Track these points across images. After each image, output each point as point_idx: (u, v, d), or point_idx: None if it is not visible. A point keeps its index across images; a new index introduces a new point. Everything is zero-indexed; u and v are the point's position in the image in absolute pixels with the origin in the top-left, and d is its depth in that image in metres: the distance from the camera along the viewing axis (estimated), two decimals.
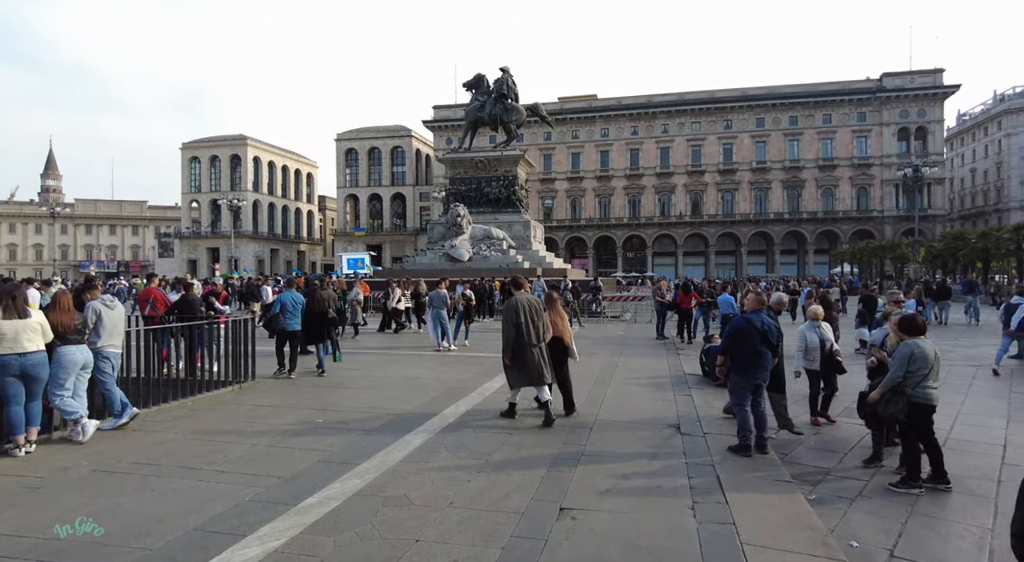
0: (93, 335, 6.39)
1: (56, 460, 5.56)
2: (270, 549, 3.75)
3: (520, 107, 32.75)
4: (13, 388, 5.57)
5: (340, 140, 76.03)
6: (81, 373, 6.15)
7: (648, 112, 66.71)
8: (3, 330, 5.48)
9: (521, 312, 7.10)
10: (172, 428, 6.69)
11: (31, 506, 4.51)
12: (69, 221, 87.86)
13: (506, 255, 28.79)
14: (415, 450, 5.92)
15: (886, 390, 5.39)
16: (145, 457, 5.63)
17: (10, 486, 4.91)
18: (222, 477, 5.10)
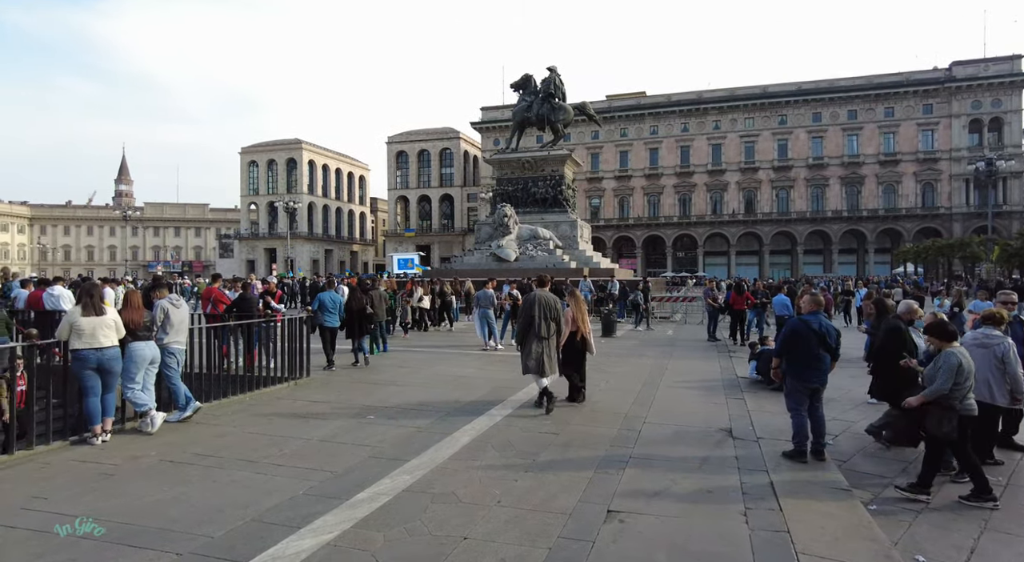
0: (160, 332, 6.73)
1: (128, 449, 5.89)
2: (323, 542, 3.87)
3: (567, 106, 32.62)
4: (91, 380, 5.94)
5: (391, 143, 77.55)
6: (150, 368, 6.49)
7: (699, 108, 65.27)
8: (82, 326, 5.86)
9: (536, 307, 7.62)
10: (231, 422, 6.99)
11: (106, 491, 4.80)
12: (139, 224, 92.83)
13: (552, 255, 28.74)
14: (463, 448, 5.99)
15: (929, 401, 5.04)
16: (207, 449, 5.89)
17: (88, 472, 5.24)
18: (278, 470, 5.28)
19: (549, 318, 7.64)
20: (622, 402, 8.23)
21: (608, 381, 9.85)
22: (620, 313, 22.11)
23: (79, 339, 5.85)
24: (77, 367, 5.91)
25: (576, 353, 8.12)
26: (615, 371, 10.88)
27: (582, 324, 8.04)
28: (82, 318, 5.86)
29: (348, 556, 3.70)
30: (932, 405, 5.06)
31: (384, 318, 13.28)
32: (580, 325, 8.03)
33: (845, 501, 4.78)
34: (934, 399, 5.04)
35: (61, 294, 10.98)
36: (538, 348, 7.59)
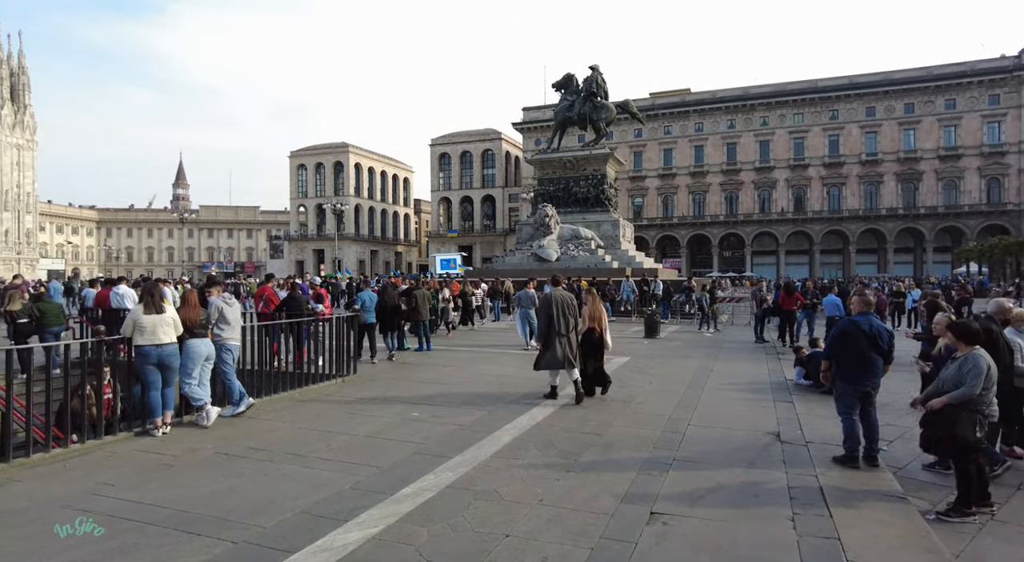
0: (215, 329, 7.02)
1: (186, 441, 6.16)
2: (368, 535, 3.97)
3: (610, 105, 32.37)
4: (152, 375, 6.25)
5: (434, 145, 78.52)
6: (205, 364, 6.78)
7: (745, 104, 63.70)
8: (144, 324, 6.17)
9: (554, 305, 8.09)
10: (282, 417, 7.23)
11: (166, 480, 5.04)
12: (195, 226, 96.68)
13: (594, 255, 28.56)
14: (505, 446, 6.03)
15: (956, 405, 4.74)
16: (259, 443, 6.11)
17: (150, 462, 5.52)
18: (326, 465, 5.44)
19: (567, 315, 8.11)
20: (666, 404, 8.13)
21: (652, 383, 9.74)
22: (664, 314, 21.79)
23: (141, 336, 6.16)
24: (140, 362, 6.23)
25: (594, 348, 8.51)
26: (659, 373, 10.75)
27: (599, 321, 8.49)
28: (144, 316, 6.17)
29: (393, 550, 3.78)
30: (964, 411, 4.78)
31: (428, 317, 13.49)
32: (597, 322, 8.46)
33: (901, 509, 4.61)
34: (961, 403, 4.76)
35: (125, 293, 11.56)
36: (561, 345, 8.01)
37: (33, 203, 72.22)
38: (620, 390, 9.06)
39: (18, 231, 69.81)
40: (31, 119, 70.95)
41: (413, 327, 13.58)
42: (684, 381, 9.87)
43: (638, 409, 7.86)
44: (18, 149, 69.44)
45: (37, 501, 4.58)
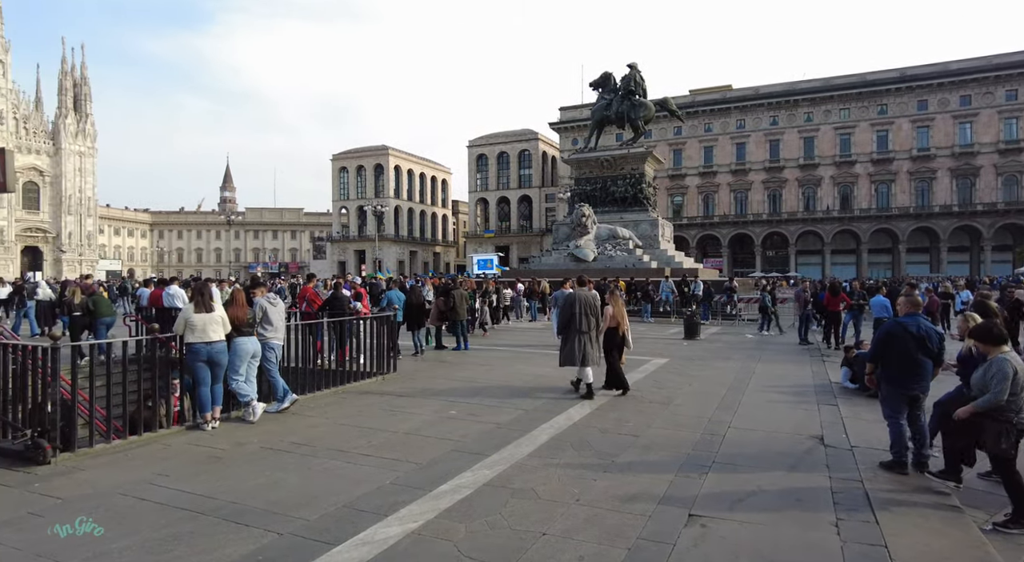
0: (259, 328, 7.26)
1: (234, 436, 6.39)
2: (408, 530, 4.05)
3: (648, 103, 32.04)
4: (203, 372, 6.51)
5: (471, 146, 79.07)
6: (252, 361, 7.02)
7: (789, 100, 62.00)
8: (194, 322, 6.43)
9: (577, 304, 8.45)
10: (324, 414, 7.42)
11: (216, 472, 5.25)
12: (241, 227, 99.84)
13: (632, 255, 28.30)
14: (542, 446, 6.06)
15: (981, 413, 4.55)
16: (302, 439, 6.29)
17: (201, 455, 5.75)
18: (366, 460, 5.57)
19: (589, 314, 8.45)
20: (705, 406, 8.02)
21: (691, 384, 9.61)
22: (704, 315, 21.43)
23: (192, 334, 6.42)
24: (190, 359, 6.50)
25: (615, 347, 8.81)
26: (699, 375, 10.60)
27: (621, 321, 8.85)
28: (195, 315, 6.44)
29: (432, 545, 3.86)
30: (987, 419, 4.56)
31: (465, 317, 13.62)
32: (620, 321, 8.81)
33: (954, 519, 4.44)
34: (987, 411, 4.55)
35: (176, 293, 12.04)
36: (581, 342, 8.38)
37: (93, 207, 75.81)
38: (658, 392, 8.98)
39: (80, 234, 73.40)
40: (92, 127, 74.52)
41: (451, 326, 13.74)
42: (724, 383, 9.71)
43: (677, 411, 7.77)
44: (80, 156, 73.04)
45: (100, 489, 4.84)
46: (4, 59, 64.99)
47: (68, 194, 71.75)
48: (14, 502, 4.60)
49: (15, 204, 66.13)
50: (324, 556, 3.66)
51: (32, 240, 69.82)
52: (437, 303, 13.76)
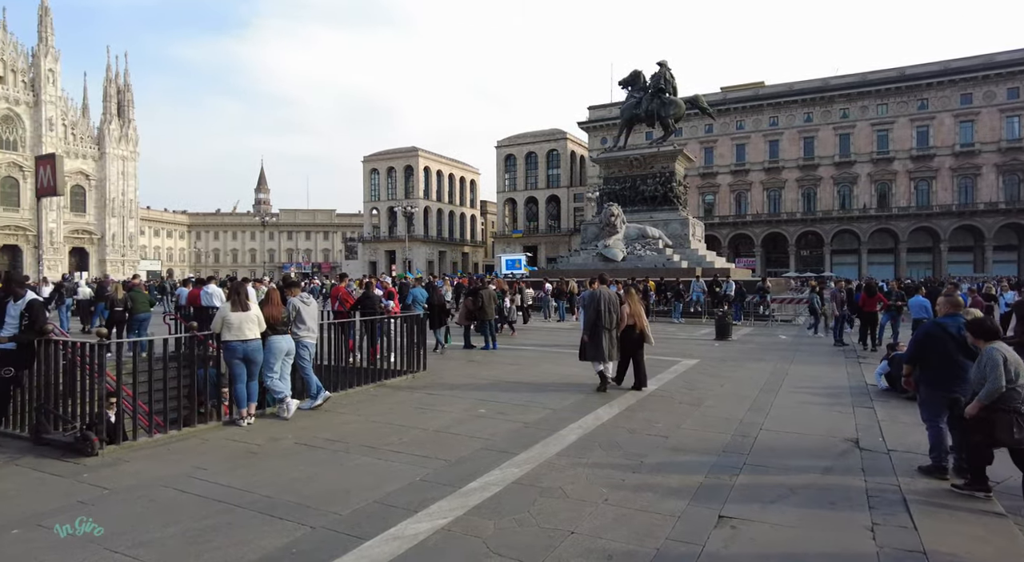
0: (294, 326, 7.42)
1: (269, 432, 6.56)
2: (438, 526, 4.11)
3: (678, 101, 31.69)
4: (239, 369, 6.69)
5: (500, 147, 79.26)
6: (286, 359, 7.19)
7: (824, 96, 60.56)
8: (231, 320, 6.61)
9: (601, 302, 8.82)
10: (356, 411, 7.55)
11: (252, 467, 5.40)
12: (275, 229, 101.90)
13: (662, 254, 28.03)
14: (570, 445, 6.07)
15: (989, 406, 4.59)
16: (335, 435, 6.42)
17: (237, 450, 5.92)
18: (397, 457, 5.66)
19: (612, 311, 8.85)
20: (737, 407, 7.92)
21: (723, 386, 9.50)
22: (736, 316, 21.10)
23: (229, 332, 6.61)
24: (227, 356, 6.69)
25: (634, 343, 9.13)
26: (731, 376, 10.46)
27: (639, 318, 9.15)
28: (231, 313, 6.62)
29: (461, 541, 3.91)
30: (997, 413, 4.56)
31: (493, 316, 13.68)
32: (637, 319, 9.11)
33: (998, 525, 4.31)
34: (993, 404, 4.58)
35: (213, 292, 12.38)
36: (605, 338, 8.75)
37: (135, 209, 78.28)
38: (689, 393, 8.90)
39: (123, 235, 75.88)
40: (134, 132, 76.97)
41: (479, 326, 13.82)
42: (757, 384, 9.56)
43: (707, 412, 7.69)
44: (123, 160, 75.51)
45: (143, 480, 5.03)
46: (54, 68, 67.47)
47: (112, 197, 74.23)
48: (65, 491, 4.81)
49: (63, 207, 68.69)
50: (355, 550, 3.74)
51: (79, 241, 72.39)
52: (466, 303, 13.87)
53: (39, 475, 5.20)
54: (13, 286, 6.23)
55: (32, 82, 65.81)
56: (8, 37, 64.62)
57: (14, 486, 4.99)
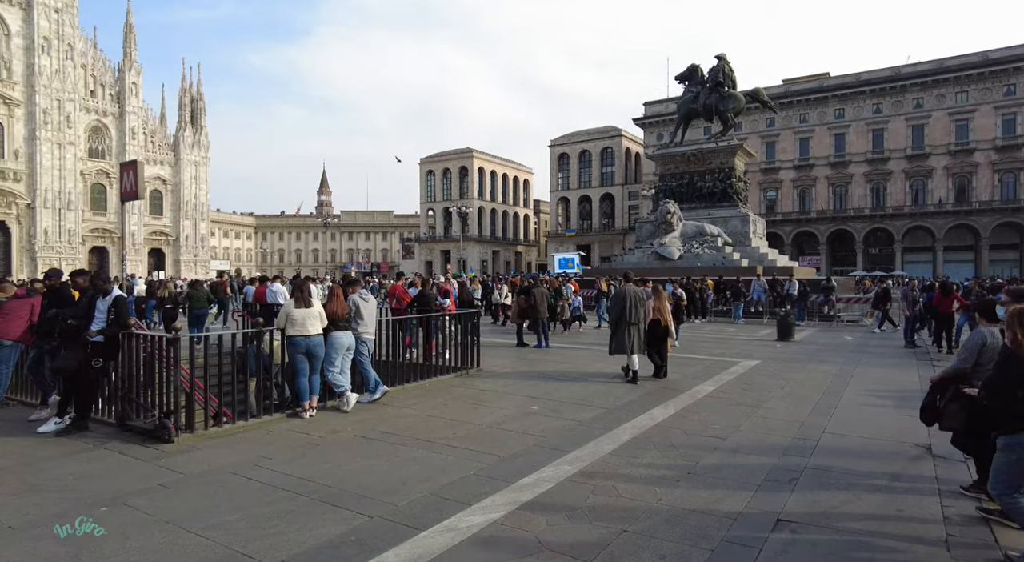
0: (354, 323, 7.67)
1: (329, 424, 6.81)
2: (491, 520, 4.17)
3: (738, 94, 30.75)
4: (302, 363, 6.98)
5: (553, 146, 79.11)
6: (346, 354, 7.44)
7: (895, 86, 57.39)
8: (295, 317, 6.91)
9: (627, 298, 9.36)
10: (413, 405, 7.73)
11: (313, 457, 5.62)
12: (336, 229, 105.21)
13: (721, 252, 27.29)
14: (623, 445, 6.02)
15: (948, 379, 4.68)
16: (392, 428, 6.60)
17: (300, 441, 6.18)
18: (451, 451, 5.77)
19: (637, 307, 9.38)
20: (799, 410, 7.65)
21: (783, 387, 9.19)
22: (799, 315, 20.33)
23: (292, 327, 6.90)
24: (291, 351, 6.99)
25: (658, 338, 9.70)
26: (792, 378, 10.10)
27: (662, 314, 9.69)
28: (295, 309, 6.91)
29: (513, 534, 3.96)
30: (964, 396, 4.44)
31: (546, 315, 13.69)
32: (661, 315, 9.67)
33: None
34: (954, 378, 4.65)
35: (278, 290, 12.94)
36: (631, 333, 9.27)
37: (206, 212, 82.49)
38: (747, 394, 8.67)
39: (195, 236, 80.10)
40: (205, 138, 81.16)
41: (532, 324, 13.86)
42: (820, 387, 9.20)
43: (767, 414, 7.47)
44: (195, 165, 79.75)
45: (214, 466, 5.32)
46: (136, 81, 72.04)
47: (185, 200, 78.49)
48: (146, 474, 5.15)
49: (144, 210, 73.20)
50: (411, 540, 3.85)
51: (157, 242, 76.88)
52: (518, 301, 13.93)
53: (124, 458, 5.60)
54: (100, 283, 6.71)
55: (118, 95, 70.41)
56: (98, 54, 69.47)
57: (103, 467, 5.39)
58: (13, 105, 59.65)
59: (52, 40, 61.94)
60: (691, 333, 16.64)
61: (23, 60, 60.49)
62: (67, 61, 63.44)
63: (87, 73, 67.35)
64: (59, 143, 62.62)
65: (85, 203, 67.17)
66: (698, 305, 21.10)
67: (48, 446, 6.03)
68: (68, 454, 5.77)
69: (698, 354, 12.65)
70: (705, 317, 21.98)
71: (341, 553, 3.69)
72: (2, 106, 59.04)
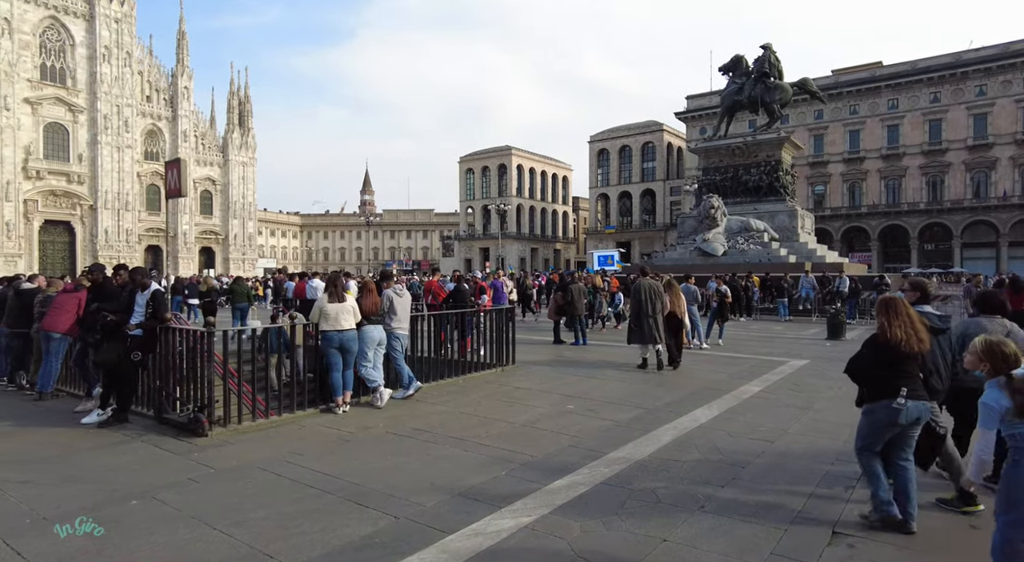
0: (387, 317, 7.58)
1: (361, 420, 6.73)
2: (521, 524, 3.97)
3: (785, 85, 29.64)
4: (335, 358, 6.92)
5: (593, 142, 78.28)
6: (378, 349, 7.36)
7: (955, 73, 54.44)
8: (328, 311, 6.85)
9: (643, 292, 9.96)
10: (446, 402, 7.60)
11: (343, 454, 5.53)
12: (379, 228, 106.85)
13: (767, 248, 26.36)
14: (664, 447, 5.73)
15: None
16: (424, 425, 6.47)
17: (331, 436, 6.11)
18: (483, 450, 5.59)
19: (653, 300, 9.92)
20: (852, 412, 7.15)
21: (834, 389, 8.69)
22: (850, 313, 19.43)
23: (326, 322, 6.85)
24: (324, 346, 6.94)
25: (673, 328, 10.30)
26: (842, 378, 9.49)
27: (676, 307, 10.36)
28: (328, 304, 6.85)
29: (544, 541, 3.74)
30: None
31: (583, 312, 13.39)
32: (675, 308, 10.32)
33: None
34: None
35: (318, 286, 13.05)
36: (649, 325, 9.81)
37: (253, 211, 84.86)
38: (796, 395, 8.22)
39: (243, 235, 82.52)
40: (252, 140, 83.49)
41: (569, 321, 13.58)
42: None
43: (817, 416, 7.04)
44: (243, 166, 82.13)
45: (244, 461, 5.28)
46: (188, 86, 74.73)
47: (234, 200, 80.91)
48: (177, 468, 5.15)
49: (194, 210, 75.90)
50: (437, 544, 3.67)
51: (207, 241, 79.52)
52: (555, 297, 13.68)
53: (158, 451, 5.62)
54: (139, 277, 6.79)
55: (171, 99, 73.19)
56: (154, 61, 72.41)
57: (137, 460, 5.42)
58: (77, 112, 62.68)
59: (112, 49, 64.81)
60: (736, 331, 16.06)
61: (86, 69, 63.45)
62: (125, 68, 66.28)
63: (143, 79, 70.26)
64: (118, 147, 65.46)
65: (141, 204, 70.01)
66: (743, 303, 20.41)
67: (89, 437, 6.12)
68: (106, 446, 5.84)
69: (743, 353, 12.16)
70: (751, 315, 21.26)
71: (364, 555, 3.55)
72: (68, 113, 62.13)
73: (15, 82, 57.59)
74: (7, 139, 56.96)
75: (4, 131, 56.69)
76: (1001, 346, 3.11)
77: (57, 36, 62.21)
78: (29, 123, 59.47)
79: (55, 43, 62.13)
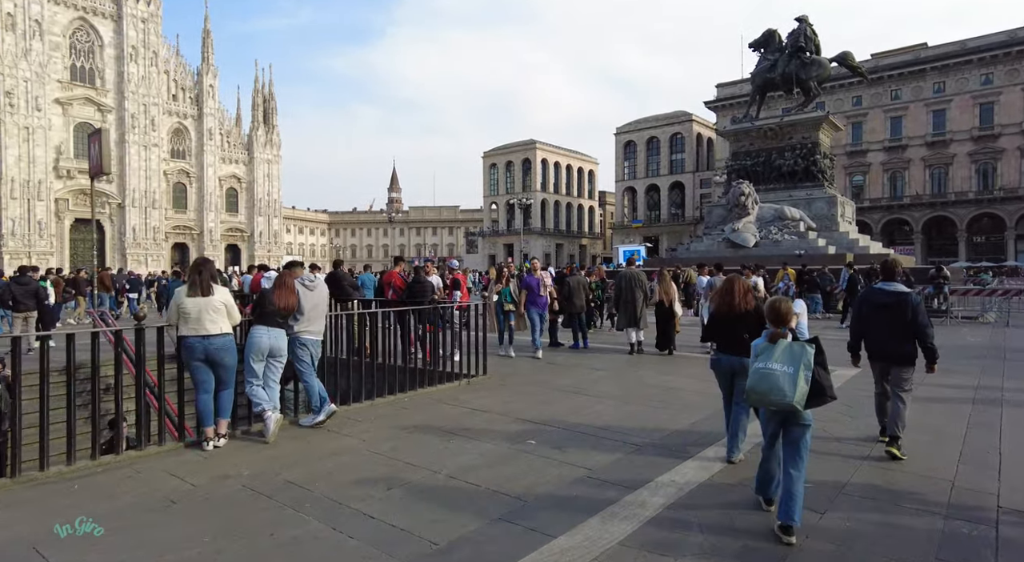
0: (290, 319, 5.65)
1: (228, 462, 4.73)
2: None
3: (823, 60, 26.95)
4: (200, 373, 5.01)
5: (619, 133, 75.58)
6: (270, 361, 5.42)
7: (1009, 52, 50.24)
8: (187, 309, 4.93)
9: (623, 280, 10.51)
10: (362, 434, 5.57)
11: (138, 532, 3.56)
12: (405, 225, 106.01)
13: (803, 238, 23.80)
14: (647, 522, 3.68)
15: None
16: (305, 475, 4.43)
17: (153, 497, 4.08)
18: (361, 529, 3.59)
19: (633, 287, 10.35)
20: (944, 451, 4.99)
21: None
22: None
23: (185, 324, 4.94)
24: (185, 356, 5.02)
25: (664, 316, 10.50)
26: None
27: (665, 296, 10.52)
28: (187, 299, 4.94)
29: None
30: None
31: (583, 309, 11.28)
32: (665, 297, 10.51)
33: None
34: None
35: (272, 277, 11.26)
36: (629, 308, 10.29)
37: (278, 208, 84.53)
38: (850, 421, 6.05)
39: (268, 232, 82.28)
40: (277, 137, 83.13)
41: (566, 320, 11.50)
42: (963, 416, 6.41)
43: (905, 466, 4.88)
44: (268, 163, 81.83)
45: None
46: (213, 84, 74.57)
47: (259, 197, 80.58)
48: None
49: (220, 208, 75.79)
50: None
51: (232, 238, 79.39)
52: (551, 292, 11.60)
53: None
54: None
55: (196, 98, 73.17)
56: (180, 60, 72.49)
57: None
58: (106, 111, 62.98)
59: (139, 49, 65.02)
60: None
61: (114, 69, 63.74)
62: (152, 68, 66.44)
63: (169, 78, 70.42)
64: (145, 145, 65.67)
65: (168, 202, 70.20)
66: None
67: None
68: None
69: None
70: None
71: None
72: (97, 113, 62.42)
73: (46, 83, 58.07)
74: (39, 139, 57.45)
75: (36, 131, 57.15)
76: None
77: (86, 37, 62.60)
78: (60, 123, 59.99)
79: (84, 44, 62.53)
